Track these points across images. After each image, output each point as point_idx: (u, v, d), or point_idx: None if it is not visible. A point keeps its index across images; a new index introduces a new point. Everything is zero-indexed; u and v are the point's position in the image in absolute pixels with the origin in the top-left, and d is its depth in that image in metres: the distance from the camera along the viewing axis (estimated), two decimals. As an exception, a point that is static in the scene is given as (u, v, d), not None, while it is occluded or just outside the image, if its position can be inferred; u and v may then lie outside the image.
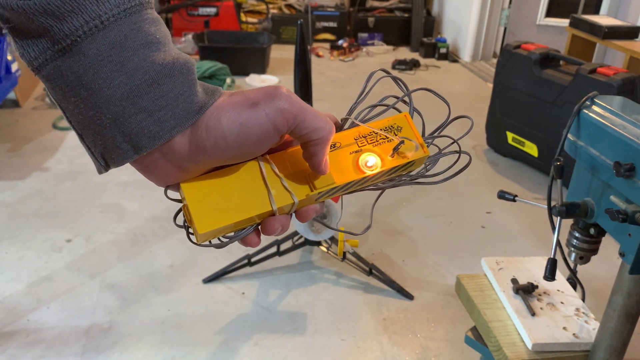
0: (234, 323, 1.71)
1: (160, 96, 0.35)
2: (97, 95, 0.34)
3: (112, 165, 0.37)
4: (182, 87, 0.36)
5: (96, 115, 0.35)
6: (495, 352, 1.11)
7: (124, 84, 0.34)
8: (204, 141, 0.37)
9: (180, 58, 0.36)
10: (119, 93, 0.34)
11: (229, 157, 0.38)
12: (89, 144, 0.37)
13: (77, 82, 0.34)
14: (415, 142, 0.45)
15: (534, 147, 2.69)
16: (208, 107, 0.37)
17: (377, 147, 0.45)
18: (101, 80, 0.34)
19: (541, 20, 4.69)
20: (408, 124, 0.46)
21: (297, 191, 0.42)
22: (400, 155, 0.45)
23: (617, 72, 2.31)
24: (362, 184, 0.46)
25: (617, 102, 0.94)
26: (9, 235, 2.10)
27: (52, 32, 0.32)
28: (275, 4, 5.37)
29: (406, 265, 2.02)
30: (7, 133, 2.99)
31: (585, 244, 1.00)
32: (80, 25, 0.32)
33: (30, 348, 1.59)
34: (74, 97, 0.34)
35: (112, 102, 0.34)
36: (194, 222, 0.39)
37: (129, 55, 0.34)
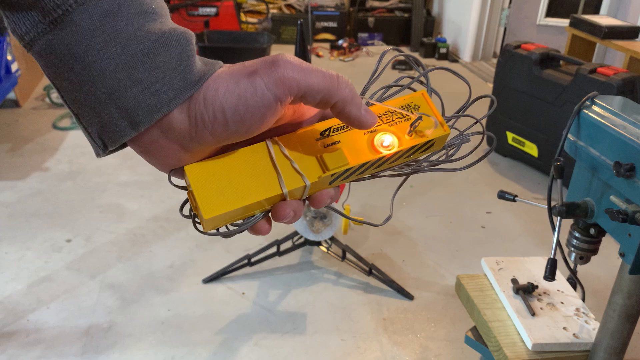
0: (234, 323, 1.71)
1: (157, 67, 0.33)
2: (90, 68, 0.33)
3: (110, 145, 0.36)
4: (179, 58, 0.34)
5: (91, 91, 0.33)
6: (495, 352, 1.11)
7: (118, 54, 0.32)
8: (203, 114, 0.34)
9: (178, 29, 0.35)
10: (114, 64, 0.33)
11: (232, 133, 0.36)
12: (85, 124, 0.35)
13: (70, 56, 0.32)
14: (435, 119, 0.42)
15: (534, 147, 2.69)
16: (207, 79, 0.35)
17: (394, 126, 0.41)
18: (94, 51, 0.32)
19: (541, 20, 4.69)
20: (426, 102, 0.43)
21: (308, 174, 0.39)
22: (419, 134, 0.41)
23: (617, 72, 2.31)
24: (378, 166, 0.42)
25: (617, 102, 0.94)
26: (8, 235, 2.10)
27: (43, 2, 0.31)
28: (275, 4, 5.37)
29: (406, 265, 2.02)
30: (7, 133, 2.99)
31: (585, 244, 1.00)
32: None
33: (30, 348, 1.59)
34: (67, 72, 0.33)
35: (106, 74, 0.33)
36: (200, 207, 0.37)
37: (123, 25, 0.32)
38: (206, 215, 0.37)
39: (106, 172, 2.60)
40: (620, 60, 3.59)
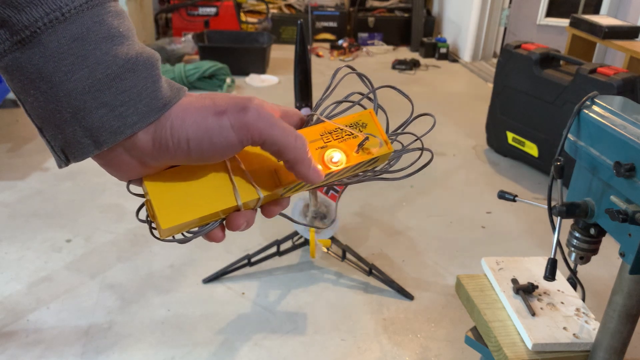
0: (233, 323, 1.71)
1: (123, 91, 0.34)
2: (57, 89, 0.33)
3: (73, 160, 0.37)
4: (145, 82, 0.35)
5: (56, 109, 0.34)
6: (495, 352, 1.11)
7: (86, 77, 0.33)
8: (167, 140, 0.36)
9: (145, 52, 0.35)
10: (80, 87, 0.33)
11: (191, 160, 0.37)
12: (48, 138, 0.36)
13: (36, 75, 0.33)
14: (380, 139, 0.46)
15: (534, 147, 2.69)
16: (172, 105, 0.36)
17: (343, 143, 0.44)
18: (62, 73, 0.33)
19: (541, 20, 4.68)
20: (373, 121, 0.47)
21: (263, 186, 0.41)
22: (365, 152, 0.45)
23: (617, 72, 2.31)
24: (327, 180, 0.45)
25: (617, 102, 0.94)
26: (8, 236, 2.10)
27: (11, 22, 0.31)
28: (275, 4, 5.37)
29: (406, 266, 2.02)
30: (7, 133, 2.99)
31: (586, 244, 1.00)
32: (40, 16, 0.31)
33: (30, 348, 1.59)
34: (33, 90, 0.33)
35: (72, 96, 0.33)
36: (157, 217, 0.39)
37: (91, 49, 0.33)
38: (164, 225, 0.38)
39: (106, 172, 2.60)
40: (621, 60, 3.59)
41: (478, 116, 3.46)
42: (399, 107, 0.70)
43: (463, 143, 3.13)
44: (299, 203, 1.85)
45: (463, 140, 3.17)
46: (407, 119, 0.50)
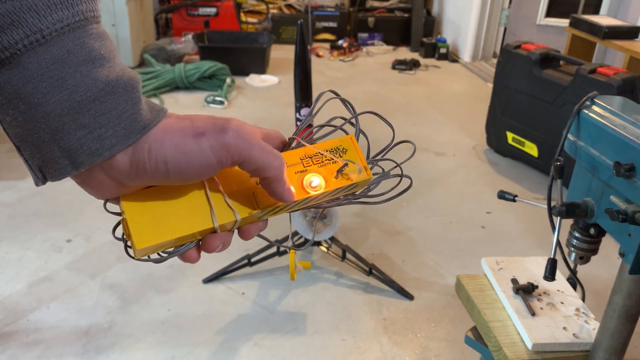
0: (234, 323, 1.71)
1: (102, 113, 0.34)
2: (36, 110, 0.33)
3: (50, 180, 0.36)
4: (125, 105, 0.35)
5: (34, 129, 0.33)
6: (495, 352, 1.11)
7: (65, 99, 0.33)
8: (145, 163, 0.36)
9: (125, 75, 0.35)
10: (59, 109, 0.33)
11: (169, 181, 0.37)
12: (26, 157, 0.35)
13: (15, 95, 0.32)
14: (359, 165, 0.46)
15: (534, 147, 2.69)
16: (151, 128, 0.36)
17: (322, 167, 0.45)
18: (41, 94, 0.32)
19: (541, 20, 4.69)
20: (353, 147, 0.47)
21: (240, 209, 0.41)
22: (344, 177, 0.45)
23: (617, 72, 2.31)
24: (306, 203, 0.46)
25: (617, 102, 0.94)
26: (8, 235, 2.10)
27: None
28: (275, 4, 5.37)
29: (406, 266, 2.02)
30: (7, 133, 2.99)
31: (585, 244, 1.00)
32: (20, 38, 0.31)
33: (30, 348, 1.59)
34: (11, 110, 0.33)
35: (51, 117, 0.33)
36: (132, 237, 0.38)
37: (71, 72, 0.33)
38: (139, 245, 0.38)
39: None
40: (620, 60, 3.59)
41: (478, 116, 3.46)
42: (399, 107, 0.71)
43: (463, 143, 3.13)
44: (299, 203, 1.85)
45: (463, 140, 3.18)
46: (387, 145, 0.50)
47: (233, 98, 3.72)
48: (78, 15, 0.33)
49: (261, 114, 3.44)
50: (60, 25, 0.32)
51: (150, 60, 3.94)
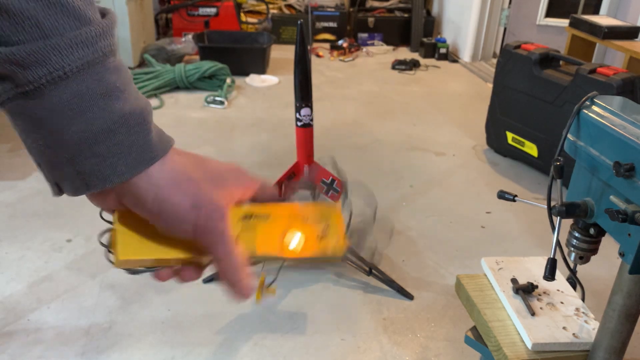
0: (234, 323, 1.72)
1: (115, 144, 0.37)
2: (55, 137, 0.36)
3: (66, 194, 0.40)
4: (137, 137, 0.38)
5: (54, 153, 0.37)
6: (495, 352, 1.11)
7: (82, 130, 0.36)
8: (146, 191, 0.39)
9: (138, 106, 0.38)
10: (77, 137, 0.36)
11: (152, 219, 0.41)
12: (45, 173, 0.39)
13: (38, 123, 0.35)
14: (337, 241, 0.47)
15: (533, 147, 2.70)
16: (159, 158, 0.39)
17: (305, 229, 0.47)
18: (61, 125, 0.35)
19: (541, 20, 4.69)
20: (337, 218, 0.49)
21: None
22: (321, 246, 0.47)
23: (617, 72, 2.31)
24: (278, 259, 0.48)
25: (617, 102, 0.94)
26: (9, 235, 2.10)
27: (17, 77, 0.33)
28: (275, 4, 5.37)
29: (406, 265, 2.03)
30: (7, 133, 2.99)
31: (585, 244, 1.00)
32: (44, 74, 0.34)
33: (31, 348, 1.59)
34: (34, 135, 0.36)
35: (69, 144, 0.36)
36: (117, 248, 0.42)
37: (89, 105, 0.35)
38: (120, 257, 0.42)
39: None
40: (620, 60, 3.60)
41: (478, 116, 3.46)
42: (399, 107, 0.71)
43: (463, 143, 3.13)
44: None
45: (463, 140, 3.18)
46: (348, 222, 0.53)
47: (233, 98, 3.72)
48: (97, 52, 0.36)
49: (261, 114, 3.45)
50: (80, 63, 0.35)
51: (150, 60, 3.94)
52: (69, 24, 0.34)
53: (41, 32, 0.33)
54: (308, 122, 1.69)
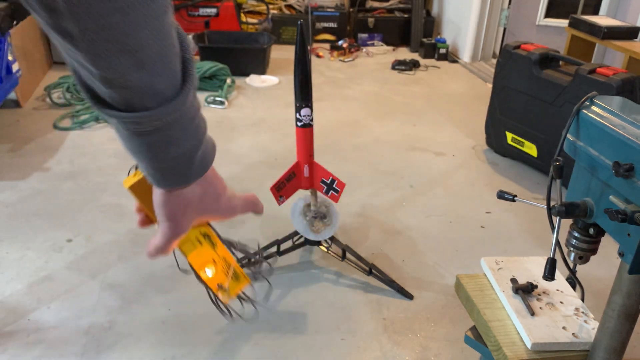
0: (234, 323, 1.72)
1: (201, 159, 0.53)
2: (162, 158, 0.50)
3: (158, 186, 0.54)
4: (209, 156, 0.54)
5: (155, 165, 0.51)
6: (494, 352, 1.12)
7: (181, 154, 0.51)
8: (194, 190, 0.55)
9: (206, 128, 0.54)
10: (175, 157, 0.51)
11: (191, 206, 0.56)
12: (141, 168, 0.53)
13: (154, 147, 0.49)
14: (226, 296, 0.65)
15: (533, 147, 2.70)
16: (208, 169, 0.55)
17: (219, 271, 0.63)
18: (167, 151, 0.50)
19: (540, 20, 4.69)
20: (242, 284, 0.65)
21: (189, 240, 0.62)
22: (222, 290, 0.64)
23: (617, 73, 2.31)
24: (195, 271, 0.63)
25: (617, 102, 0.95)
26: (9, 235, 2.10)
27: (141, 125, 0.47)
28: (275, 5, 5.37)
29: (406, 265, 2.03)
30: (8, 133, 2.99)
31: (585, 244, 1.00)
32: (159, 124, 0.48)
33: (31, 348, 1.59)
34: (149, 154, 0.50)
35: (169, 159, 0.51)
36: (126, 180, 0.58)
37: (187, 137, 0.51)
38: (126, 184, 0.58)
39: (107, 172, 2.61)
40: (620, 61, 3.60)
41: (477, 116, 3.46)
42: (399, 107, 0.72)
43: (462, 143, 3.14)
44: (299, 203, 1.86)
45: (462, 140, 3.18)
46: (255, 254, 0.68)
47: (233, 98, 3.72)
48: (193, 107, 0.50)
49: (261, 114, 3.45)
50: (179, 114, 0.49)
51: (150, 60, 3.93)
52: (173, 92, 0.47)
53: (159, 102, 0.46)
54: (308, 122, 1.69)
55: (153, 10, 0.42)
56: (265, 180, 1.66)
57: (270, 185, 1.71)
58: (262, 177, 1.56)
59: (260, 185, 2.42)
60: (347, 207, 2.39)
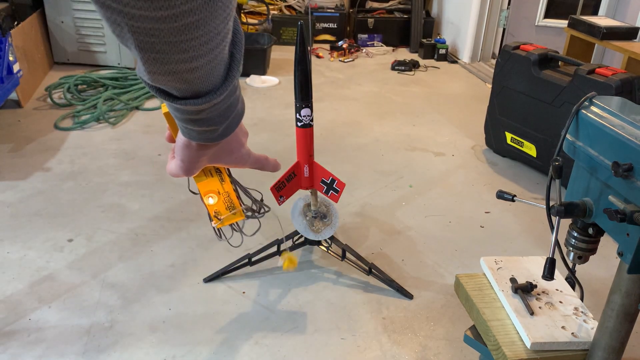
0: (234, 322, 1.72)
1: (223, 126, 0.57)
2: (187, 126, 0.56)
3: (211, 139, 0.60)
4: (232, 120, 0.58)
5: (183, 126, 0.57)
6: (494, 351, 1.12)
7: (208, 128, 0.56)
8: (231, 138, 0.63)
9: (238, 104, 0.58)
10: (205, 128, 0.56)
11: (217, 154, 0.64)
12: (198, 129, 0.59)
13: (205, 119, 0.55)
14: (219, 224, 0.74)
15: (532, 147, 2.70)
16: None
17: (220, 200, 0.73)
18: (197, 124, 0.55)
19: (540, 21, 4.70)
20: (237, 217, 0.74)
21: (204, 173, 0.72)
22: (217, 217, 0.73)
23: (616, 73, 2.32)
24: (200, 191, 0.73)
25: (616, 102, 0.95)
26: (10, 235, 2.10)
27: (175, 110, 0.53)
28: (275, 5, 5.37)
29: (406, 265, 2.03)
30: (8, 133, 2.99)
31: (584, 244, 1.01)
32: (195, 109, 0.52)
33: (32, 347, 1.60)
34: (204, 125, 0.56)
35: (196, 131, 0.56)
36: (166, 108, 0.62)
37: (219, 119, 0.56)
38: (163, 109, 0.64)
39: (107, 172, 2.61)
40: (619, 61, 3.61)
41: (477, 117, 3.47)
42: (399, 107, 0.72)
43: (462, 143, 3.14)
44: (299, 203, 1.86)
45: (462, 140, 3.19)
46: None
47: (233, 98, 3.72)
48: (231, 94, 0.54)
49: (262, 115, 3.45)
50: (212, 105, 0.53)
51: (150, 60, 3.93)
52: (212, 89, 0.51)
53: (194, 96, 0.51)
54: (308, 123, 1.70)
55: (216, 56, 0.47)
56: (266, 180, 1.66)
57: (270, 185, 1.72)
58: (262, 176, 1.57)
59: (260, 185, 2.42)
60: (347, 207, 2.40)
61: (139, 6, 0.38)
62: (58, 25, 3.95)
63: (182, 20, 0.40)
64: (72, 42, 4.01)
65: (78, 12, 3.91)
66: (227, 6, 0.43)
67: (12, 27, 3.28)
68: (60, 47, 4.02)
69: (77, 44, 4.02)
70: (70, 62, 4.07)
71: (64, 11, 3.90)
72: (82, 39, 4.00)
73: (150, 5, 0.38)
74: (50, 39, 3.99)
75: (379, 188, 2.59)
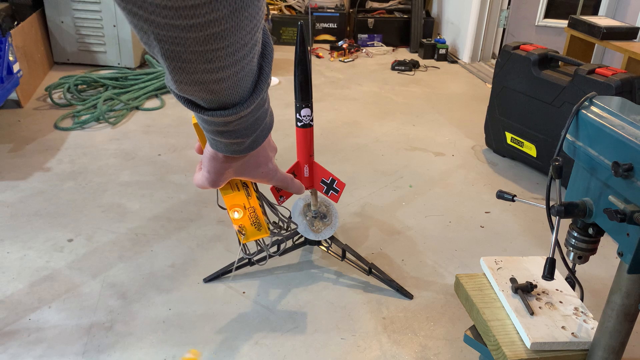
0: (234, 322, 1.72)
1: (249, 139, 0.57)
2: (215, 138, 0.56)
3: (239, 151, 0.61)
4: (260, 134, 0.58)
5: (210, 137, 0.57)
6: (494, 351, 1.12)
7: (235, 141, 0.56)
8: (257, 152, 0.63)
9: (266, 116, 0.58)
10: (232, 140, 0.56)
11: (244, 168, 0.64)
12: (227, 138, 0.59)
13: (235, 133, 0.55)
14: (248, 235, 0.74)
15: (532, 147, 2.70)
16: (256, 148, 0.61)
17: (246, 216, 0.73)
18: (224, 135, 0.55)
19: (540, 21, 4.70)
20: (262, 233, 0.74)
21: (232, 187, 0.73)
22: (241, 232, 0.73)
23: (616, 73, 2.32)
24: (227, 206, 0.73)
25: (616, 102, 0.95)
26: (10, 235, 2.10)
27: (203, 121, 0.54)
28: (275, 5, 5.37)
29: (405, 265, 2.03)
30: (8, 133, 2.99)
31: (584, 244, 1.01)
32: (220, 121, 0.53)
33: (32, 347, 1.60)
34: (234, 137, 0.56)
35: (223, 143, 0.56)
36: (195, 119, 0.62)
37: (246, 132, 0.56)
38: (193, 120, 0.63)
39: (107, 172, 2.61)
40: (619, 61, 3.61)
41: (477, 117, 3.47)
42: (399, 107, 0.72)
43: (462, 143, 3.14)
44: (299, 203, 1.86)
45: (462, 140, 3.19)
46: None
47: (233, 98, 3.72)
48: (268, 109, 0.57)
49: (261, 115, 3.45)
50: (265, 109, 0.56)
51: (151, 61, 3.94)
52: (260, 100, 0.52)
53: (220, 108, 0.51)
54: (308, 123, 1.70)
55: (243, 67, 0.46)
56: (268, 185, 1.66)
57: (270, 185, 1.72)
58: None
59: (260, 185, 2.42)
60: (347, 207, 2.40)
61: (164, 14, 0.38)
62: (58, 25, 3.95)
63: (207, 30, 0.40)
64: (72, 42, 4.01)
65: (78, 12, 3.91)
66: (254, 17, 0.42)
67: (12, 27, 3.28)
68: (60, 47, 4.02)
69: (77, 44, 4.02)
70: (70, 62, 4.07)
71: (64, 11, 3.90)
72: (82, 39, 4.00)
73: (175, 13, 0.38)
74: (50, 39, 3.99)
75: (379, 188, 2.59)
